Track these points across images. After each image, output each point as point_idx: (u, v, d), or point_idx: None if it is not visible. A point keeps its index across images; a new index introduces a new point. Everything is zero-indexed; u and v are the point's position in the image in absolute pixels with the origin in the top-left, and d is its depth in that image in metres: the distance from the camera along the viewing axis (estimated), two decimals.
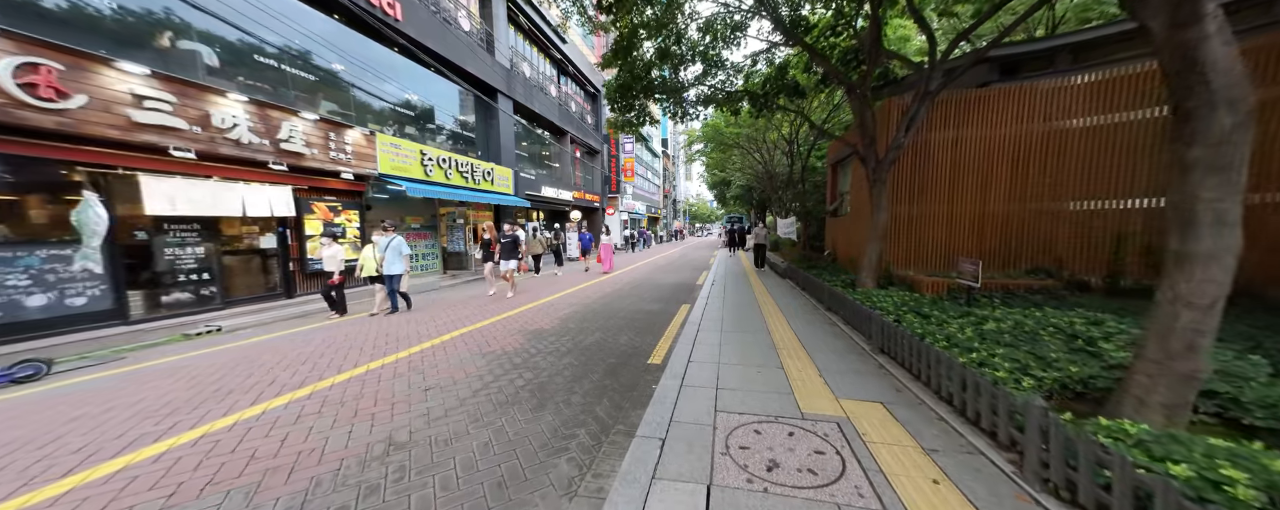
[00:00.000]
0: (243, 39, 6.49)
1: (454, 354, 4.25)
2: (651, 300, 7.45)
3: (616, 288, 9.01)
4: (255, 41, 6.64)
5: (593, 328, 5.35)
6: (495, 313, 6.39)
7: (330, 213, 7.48)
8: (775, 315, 5.60)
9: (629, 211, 30.18)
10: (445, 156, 10.22)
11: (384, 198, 9.72)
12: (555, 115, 17.51)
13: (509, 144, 13.90)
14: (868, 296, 5.05)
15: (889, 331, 3.52)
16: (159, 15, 5.59)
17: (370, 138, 8.01)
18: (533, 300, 7.53)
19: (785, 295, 7.23)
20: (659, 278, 10.77)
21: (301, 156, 6.65)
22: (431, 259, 10.66)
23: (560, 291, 8.56)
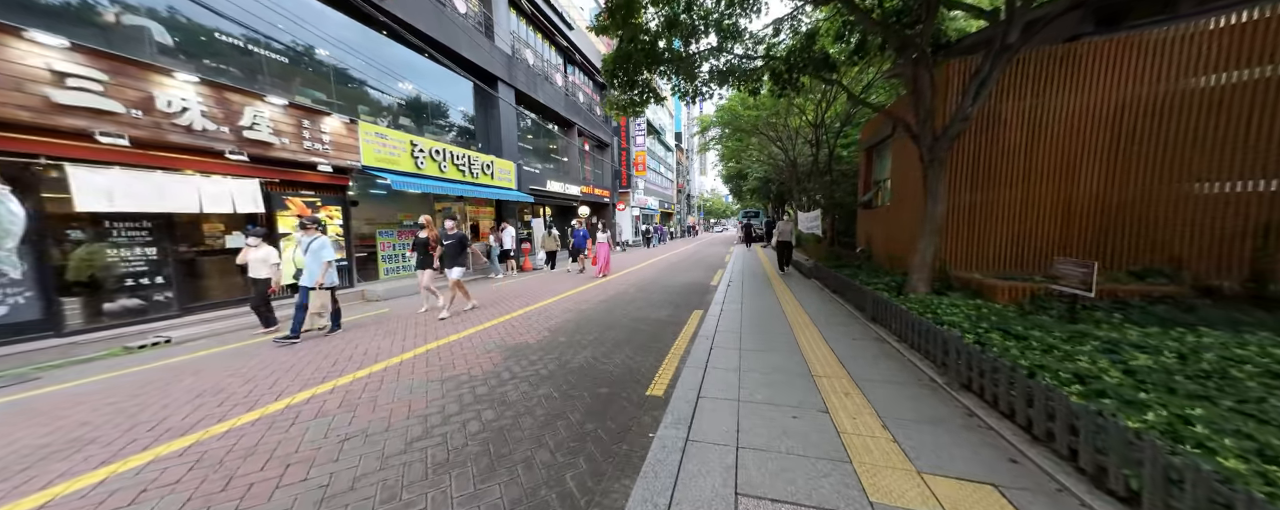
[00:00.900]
0: (202, 16, 5.87)
1: (406, 380, 3.47)
2: (659, 304, 6.56)
3: (621, 289, 8.16)
4: (217, 19, 6.01)
5: (585, 341, 4.50)
6: (477, 322, 5.63)
7: (307, 209, 6.85)
8: (806, 327, 4.63)
9: (641, 207, 29.27)
10: (439, 148, 9.53)
11: (382, 193, 9.12)
12: (561, 106, 16.71)
13: (511, 136, 13.17)
14: (926, 306, 4.04)
15: (976, 361, 2.55)
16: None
17: (351, 126, 7.35)
18: (526, 305, 6.74)
19: (814, 300, 6.23)
20: (669, 277, 9.86)
21: (269, 146, 6.00)
22: None
23: (557, 294, 7.76)
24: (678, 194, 46.62)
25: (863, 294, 5.15)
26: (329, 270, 4.91)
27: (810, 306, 5.78)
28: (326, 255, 4.88)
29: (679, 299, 7.05)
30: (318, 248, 4.91)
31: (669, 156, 41.84)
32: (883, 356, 3.55)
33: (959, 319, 3.44)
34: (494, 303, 6.94)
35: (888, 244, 7.20)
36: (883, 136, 7.41)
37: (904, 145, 6.41)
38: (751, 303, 6.15)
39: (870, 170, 8.56)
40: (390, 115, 9.70)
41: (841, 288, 6.26)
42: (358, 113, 8.79)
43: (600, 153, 23.21)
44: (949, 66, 4.93)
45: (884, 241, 7.41)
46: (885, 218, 7.36)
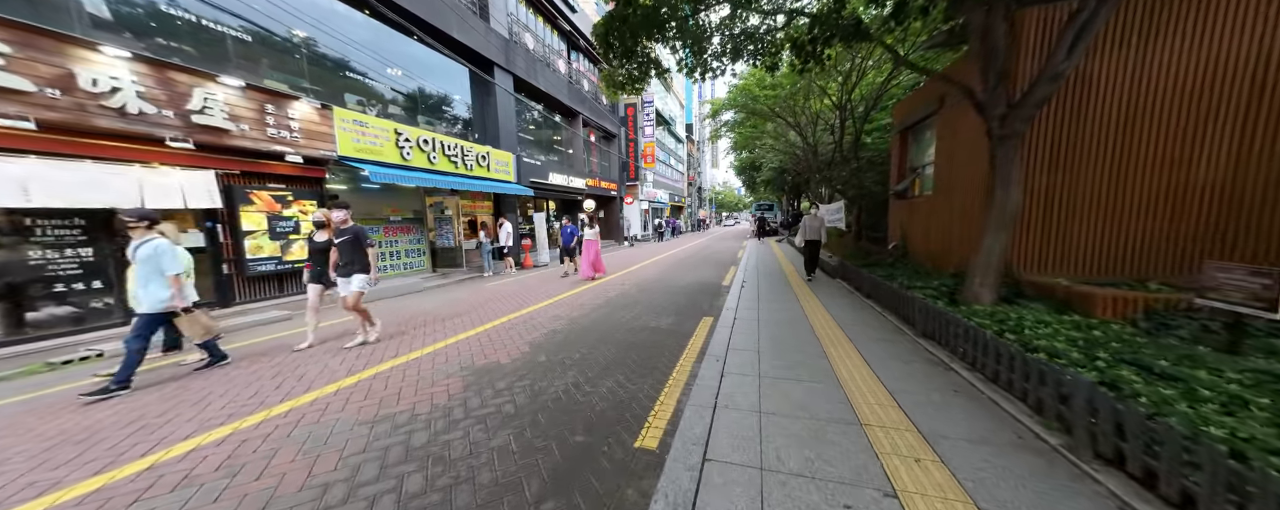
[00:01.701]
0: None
1: (329, 421, 2.75)
2: (662, 310, 5.75)
3: (622, 290, 7.38)
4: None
5: (569, 361, 3.74)
6: (450, 333, 4.92)
7: (275, 204, 6.24)
8: (839, 344, 3.77)
9: (650, 200, 28.38)
10: (428, 137, 8.84)
11: (375, 187, 8.50)
12: (564, 94, 15.89)
13: (509, 125, 12.44)
14: (1000, 321, 3.14)
15: (1132, 422, 1.67)
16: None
17: (324, 113, 6.68)
18: (512, 311, 6.02)
19: (843, 306, 5.33)
20: (676, 276, 9.04)
21: (225, 133, 5.37)
22: (416, 255, 9.41)
23: (550, 297, 7.02)
24: (688, 187, 45.48)
25: (907, 302, 4.25)
26: (180, 287, 3.38)
27: (840, 314, 4.89)
28: (169, 267, 3.32)
29: (686, 303, 6.23)
30: (149, 256, 3.24)
31: (679, 148, 40.69)
32: (952, 393, 2.68)
33: (1060, 344, 2.55)
34: (477, 307, 6.23)
35: (928, 239, 6.22)
36: (923, 115, 6.39)
37: (953, 123, 5.41)
38: (770, 308, 5.29)
39: (904, 155, 7.53)
40: (379, 103, 9.05)
41: (876, 291, 5.35)
42: (344, 101, 8.15)
43: (607, 144, 22.36)
44: (1026, 14, 3.92)
45: (923, 236, 6.43)
46: (925, 209, 6.37)
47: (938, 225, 5.86)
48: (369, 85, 8.72)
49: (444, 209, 9.70)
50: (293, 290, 6.60)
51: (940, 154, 5.85)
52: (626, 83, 5.76)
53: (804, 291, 6.45)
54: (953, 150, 5.41)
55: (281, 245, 6.29)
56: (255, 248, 5.93)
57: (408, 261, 9.15)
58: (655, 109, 25.97)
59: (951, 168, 5.44)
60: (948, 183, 5.57)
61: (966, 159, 5.04)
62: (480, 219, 11.64)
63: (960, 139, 5.19)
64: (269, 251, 6.12)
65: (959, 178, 5.23)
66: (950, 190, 5.49)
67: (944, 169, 5.73)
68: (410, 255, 9.21)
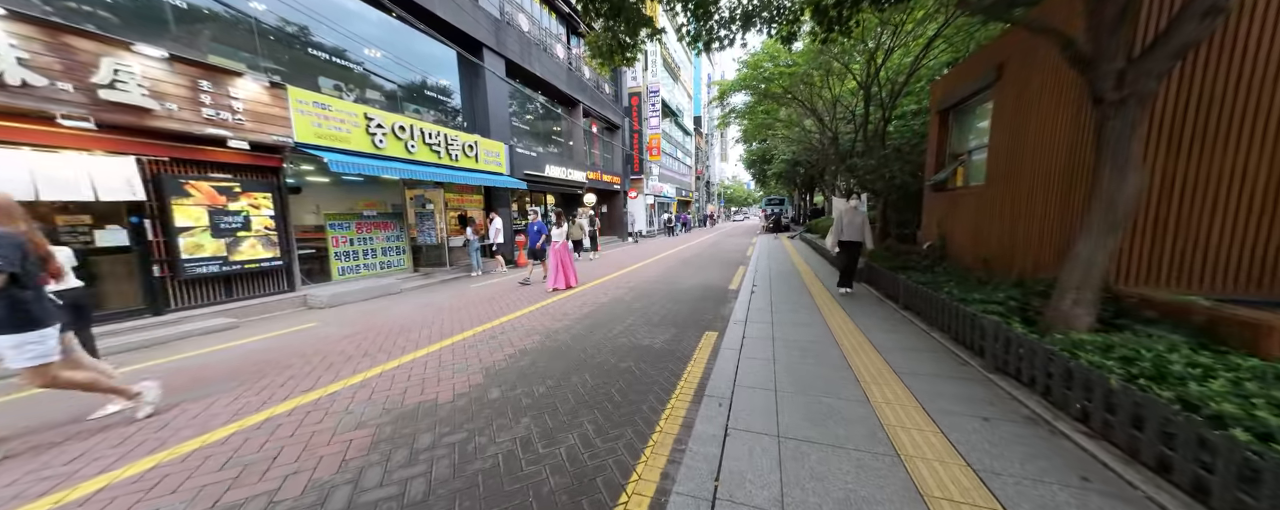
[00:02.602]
0: None
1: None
2: (658, 323, 4.87)
3: (616, 294, 6.51)
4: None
5: (528, 399, 2.89)
6: (398, 352, 4.12)
7: (219, 196, 5.48)
8: (885, 382, 2.84)
9: (656, 195, 27.41)
10: (406, 124, 8.03)
11: (356, 180, 7.74)
12: (563, 81, 14.97)
13: (500, 113, 11.58)
14: (1126, 361, 2.20)
15: None
16: None
17: (276, 92, 5.89)
18: (484, 321, 5.19)
19: (875, 318, 4.38)
20: (679, 277, 8.14)
21: (145, 113, 4.60)
22: (395, 254, 8.66)
23: (534, 303, 6.18)
24: (697, 181, 44.30)
25: (967, 323, 3.30)
26: None
27: (875, 333, 3.95)
28: None
29: (687, 313, 5.33)
30: None
31: (687, 141, 39.51)
32: (1080, 483, 1.75)
33: (1261, 411, 1.60)
34: (447, 315, 5.42)
35: (977, 239, 5.21)
36: (972, 90, 5.34)
37: (1019, 95, 4.39)
38: (786, 322, 4.37)
39: (944, 140, 6.47)
40: (356, 88, 8.25)
41: (916, 302, 4.40)
42: (318, 85, 7.37)
43: (610, 136, 21.40)
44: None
45: (969, 235, 5.42)
46: (973, 203, 5.35)
47: (992, 223, 4.85)
48: (341, 67, 7.92)
49: (426, 203, 8.91)
50: (243, 294, 5.87)
51: (998, 135, 4.82)
52: (615, 50, 4.82)
53: (825, 299, 5.51)
54: (1018, 129, 4.39)
55: (228, 243, 5.55)
56: (193, 246, 5.19)
57: (385, 261, 8.40)
58: (661, 99, 24.89)
59: (1015, 152, 4.42)
60: (1009, 170, 4.55)
61: (1040, 139, 4.02)
62: (469, 214, 10.85)
63: (1030, 114, 4.17)
64: (212, 250, 5.39)
65: (1027, 164, 4.21)
66: (1012, 179, 4.48)
67: (1002, 153, 4.70)
68: (388, 254, 8.46)
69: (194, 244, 5.20)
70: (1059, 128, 3.79)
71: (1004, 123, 4.69)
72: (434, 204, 8.88)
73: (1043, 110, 3.99)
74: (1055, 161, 3.82)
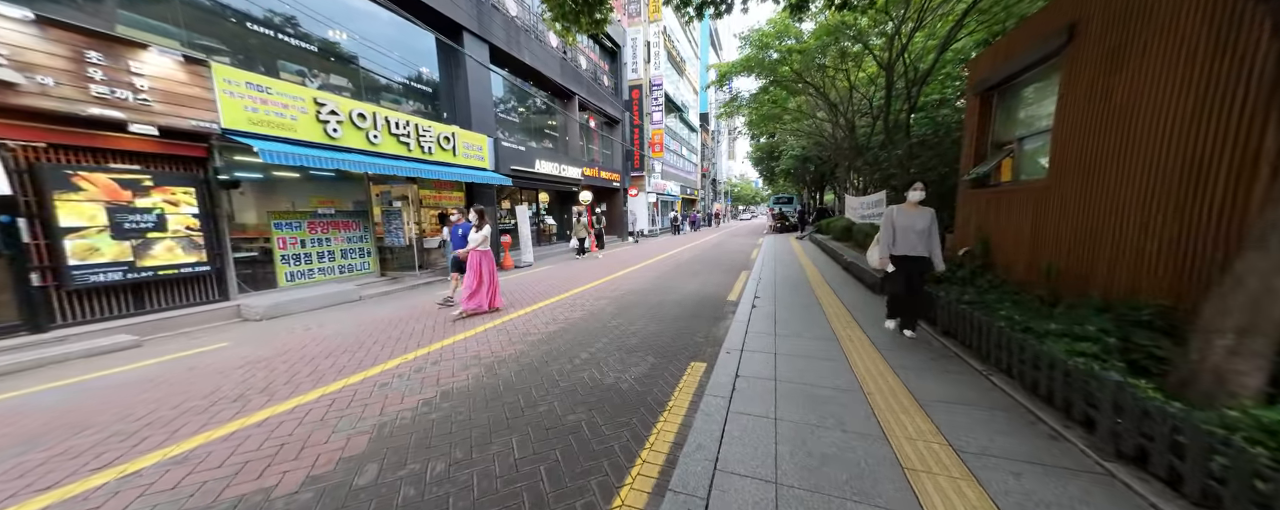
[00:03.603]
0: None
1: None
2: (635, 348, 3.93)
3: (594, 308, 5.57)
4: None
5: (403, 496, 1.98)
6: (283, 396, 3.24)
7: (122, 191, 4.67)
8: (944, 470, 1.86)
9: (659, 192, 26.44)
10: (367, 112, 7.18)
11: (330, 174, 6.90)
12: (556, 72, 14.06)
13: (484, 103, 10.71)
14: None
15: None
16: None
17: (196, 69, 5.05)
18: (431, 342, 4.30)
19: (910, 349, 3.37)
20: (673, 284, 7.18)
21: (8, 88, 3.78)
22: (358, 256, 7.83)
23: (503, 315, 5.29)
24: (702, 178, 43.20)
25: (1050, 369, 2.31)
26: None
27: (918, 380, 2.95)
28: None
29: (672, 334, 4.38)
30: None
31: (692, 138, 38.44)
32: None
33: None
34: (384, 332, 4.54)
35: (1034, 246, 4.17)
36: (1028, 62, 4.29)
37: (1105, 61, 3.34)
38: (794, 355, 3.39)
39: (985, 127, 5.41)
40: (320, 74, 7.44)
41: (963, 330, 3.39)
42: (277, 69, 6.58)
43: (610, 131, 20.48)
44: None
45: (1024, 241, 4.37)
46: (1028, 201, 4.30)
47: (1059, 227, 3.81)
48: (302, 50, 7.09)
49: (393, 200, 8.07)
50: (158, 305, 5.07)
51: (1067, 117, 3.77)
52: (580, 9, 3.86)
53: (839, 316, 4.51)
54: (1103, 108, 3.35)
55: (135, 246, 4.74)
56: (85, 250, 4.38)
57: (345, 264, 7.58)
58: (665, 93, 23.89)
59: (1098, 137, 3.38)
60: (1086, 161, 3.51)
61: (1142, 119, 2.99)
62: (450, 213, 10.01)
63: (1126, 86, 3.13)
64: (112, 255, 4.58)
65: (1119, 152, 3.18)
66: (1092, 172, 3.45)
67: (1075, 140, 3.66)
68: (348, 256, 7.64)
69: (86, 247, 4.39)
70: (1175, 102, 2.75)
71: (1077, 100, 3.65)
72: (403, 201, 8.02)
73: (1148, 79, 2.96)
74: (1169, 148, 2.79)
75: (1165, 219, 2.82)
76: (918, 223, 3.67)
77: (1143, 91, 2.99)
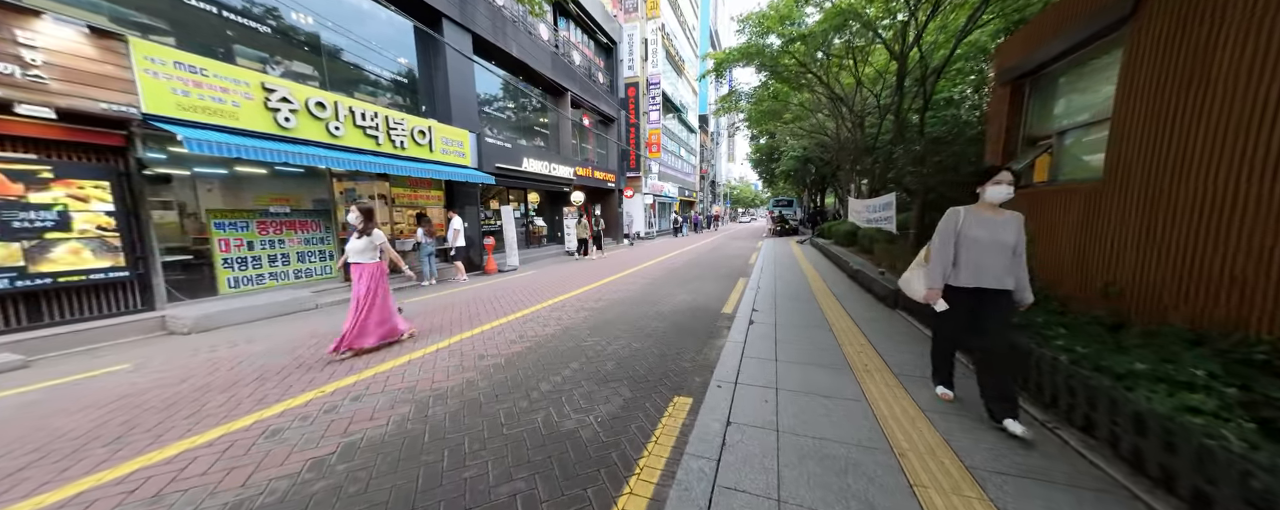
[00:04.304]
0: None
1: None
2: (607, 377, 3.25)
3: (569, 323, 4.88)
4: None
5: None
6: (68, 474, 2.56)
7: (10, 183, 3.97)
8: None
9: (656, 194, 25.79)
10: (327, 101, 6.51)
11: (296, 169, 6.19)
12: (547, 67, 13.42)
13: (465, 96, 10.05)
14: None
15: None
16: None
17: (107, 43, 4.37)
18: (365, 368, 3.63)
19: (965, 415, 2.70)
20: (663, 294, 6.51)
21: None
22: (318, 260, 7.15)
23: (453, 334, 4.61)
24: (701, 180, 42.61)
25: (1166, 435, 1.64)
26: None
27: (963, 433, 2.27)
28: None
29: (655, 357, 3.70)
30: None
31: (691, 139, 37.87)
32: None
33: None
34: (319, 350, 3.86)
35: (1085, 260, 3.52)
36: (1076, 41, 3.65)
37: (1186, 33, 2.70)
38: (801, 393, 2.70)
39: (1013, 121, 4.77)
40: (283, 61, 6.78)
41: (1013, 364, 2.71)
42: (233, 56, 5.91)
43: (605, 129, 19.85)
44: None
45: (1073, 253, 3.71)
46: (1077, 206, 3.66)
47: (1121, 237, 3.16)
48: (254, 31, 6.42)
49: (358, 197, 7.38)
50: (59, 317, 4.38)
51: (1132, 103, 3.12)
52: None
53: (850, 337, 3.85)
54: (1183, 92, 2.70)
55: (28, 249, 4.05)
56: None
57: (303, 268, 6.88)
58: (662, 92, 23.29)
59: (1183, 126, 2.73)
60: (1160, 157, 2.86)
61: (1241, 106, 2.34)
62: (428, 212, 9.34)
63: (1221, 65, 2.49)
64: None
65: (1214, 145, 2.53)
66: (1168, 172, 2.80)
67: (1141, 132, 3.01)
68: (308, 260, 6.95)
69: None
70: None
71: (1146, 84, 3.00)
72: (373, 200, 7.33)
73: (1253, 55, 2.31)
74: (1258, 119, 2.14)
75: None
76: (1003, 234, 2.20)
77: (1242, 74, 2.34)
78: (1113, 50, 3.39)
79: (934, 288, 2.36)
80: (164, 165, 5.31)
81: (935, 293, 2.36)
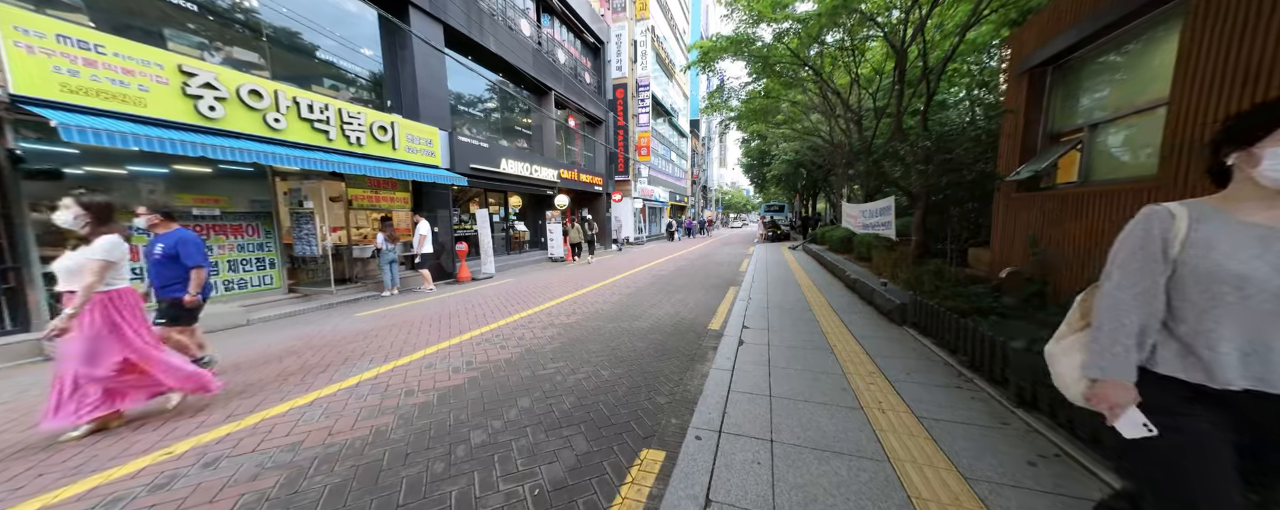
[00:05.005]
0: None
1: None
2: (558, 422, 2.56)
3: (533, 342, 4.17)
4: None
5: None
6: None
7: None
8: None
9: (646, 198, 25.21)
10: (265, 89, 5.77)
11: (247, 169, 5.37)
12: (529, 64, 12.79)
13: (435, 92, 9.35)
14: None
15: None
16: None
17: None
18: (230, 420, 2.89)
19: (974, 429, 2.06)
20: (643, 306, 5.83)
21: None
22: (256, 269, 6.34)
23: (389, 360, 3.88)
24: (692, 185, 42.24)
25: None
26: None
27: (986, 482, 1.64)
28: None
29: (626, 388, 3.02)
30: None
31: (682, 143, 37.52)
32: None
33: None
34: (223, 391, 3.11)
35: None
36: (1111, 19, 3.12)
37: None
38: (803, 445, 2.04)
39: (1033, 116, 4.25)
40: (224, 47, 6.03)
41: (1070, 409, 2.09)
42: (164, 39, 5.14)
43: (592, 131, 19.26)
44: None
45: None
46: (1123, 210, 3.10)
47: None
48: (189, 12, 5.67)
49: (303, 199, 6.61)
50: None
51: (1194, 85, 2.57)
52: None
53: (857, 363, 3.22)
54: None
55: None
56: None
57: (235, 279, 6.07)
58: (652, 94, 22.81)
59: None
60: None
61: None
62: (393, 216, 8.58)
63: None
64: None
65: None
66: None
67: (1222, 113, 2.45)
68: (240, 269, 6.14)
69: None
70: None
71: (1213, 56, 2.46)
72: (314, 201, 6.57)
73: None
74: None
75: None
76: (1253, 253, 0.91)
77: None
78: (1165, 23, 2.86)
79: (1106, 377, 1.02)
80: (50, 160, 4.51)
81: (1116, 393, 1.01)
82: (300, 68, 7.28)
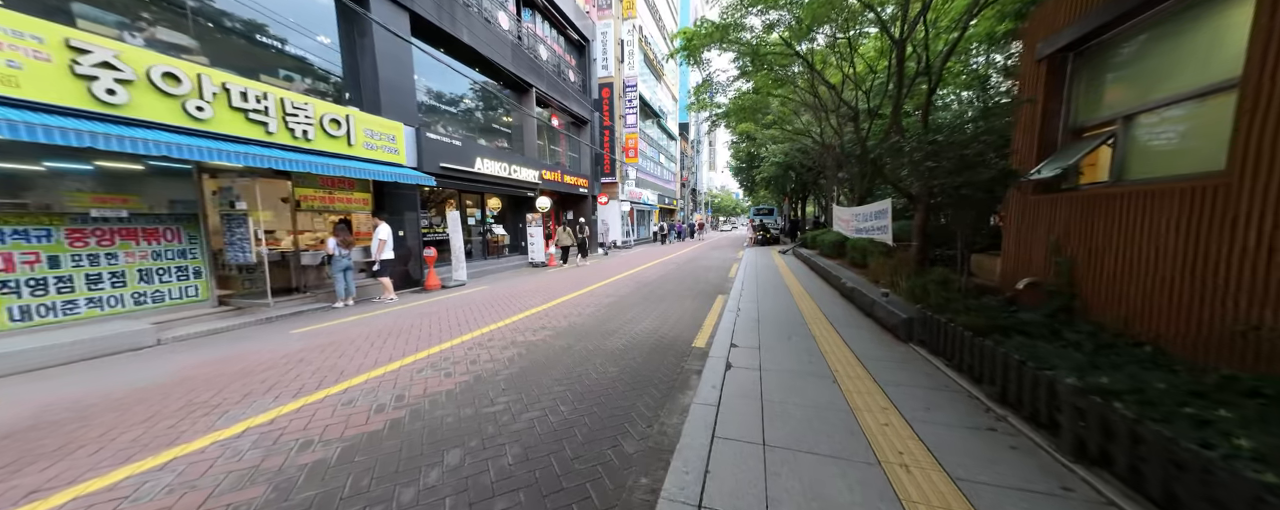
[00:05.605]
0: None
1: None
2: (496, 489, 1.93)
3: (491, 365, 3.52)
4: None
5: None
6: None
7: None
8: None
9: (633, 200, 24.65)
10: (184, 73, 5.01)
11: (166, 166, 4.60)
12: (507, 58, 12.13)
13: (400, 84, 8.64)
14: None
15: None
16: None
17: None
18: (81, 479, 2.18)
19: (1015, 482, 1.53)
20: (622, 319, 5.20)
21: None
22: (175, 279, 5.54)
23: (310, 393, 3.19)
24: (682, 188, 41.87)
25: None
26: None
27: None
28: None
29: (588, 430, 2.39)
30: None
31: (671, 146, 37.15)
32: None
33: None
34: (56, 435, 2.38)
35: (1189, 284, 2.47)
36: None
37: None
38: None
39: (1052, 108, 3.80)
40: (146, 28, 5.25)
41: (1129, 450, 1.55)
42: (73, 17, 4.35)
43: (578, 132, 18.64)
44: None
45: (1172, 276, 2.66)
46: (1174, 212, 2.62)
47: (1258, 254, 2.11)
48: None
49: (235, 200, 5.83)
50: None
51: None
52: None
53: (863, 394, 2.66)
54: None
55: None
56: None
57: (148, 291, 5.26)
58: (640, 95, 22.32)
59: None
60: None
61: None
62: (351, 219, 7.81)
63: None
64: None
65: None
66: None
67: None
68: (155, 279, 5.32)
69: None
70: None
71: None
72: (246, 201, 5.80)
73: None
74: None
75: None
76: None
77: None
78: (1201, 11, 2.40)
79: None
80: None
81: None
82: (243, 55, 6.51)
